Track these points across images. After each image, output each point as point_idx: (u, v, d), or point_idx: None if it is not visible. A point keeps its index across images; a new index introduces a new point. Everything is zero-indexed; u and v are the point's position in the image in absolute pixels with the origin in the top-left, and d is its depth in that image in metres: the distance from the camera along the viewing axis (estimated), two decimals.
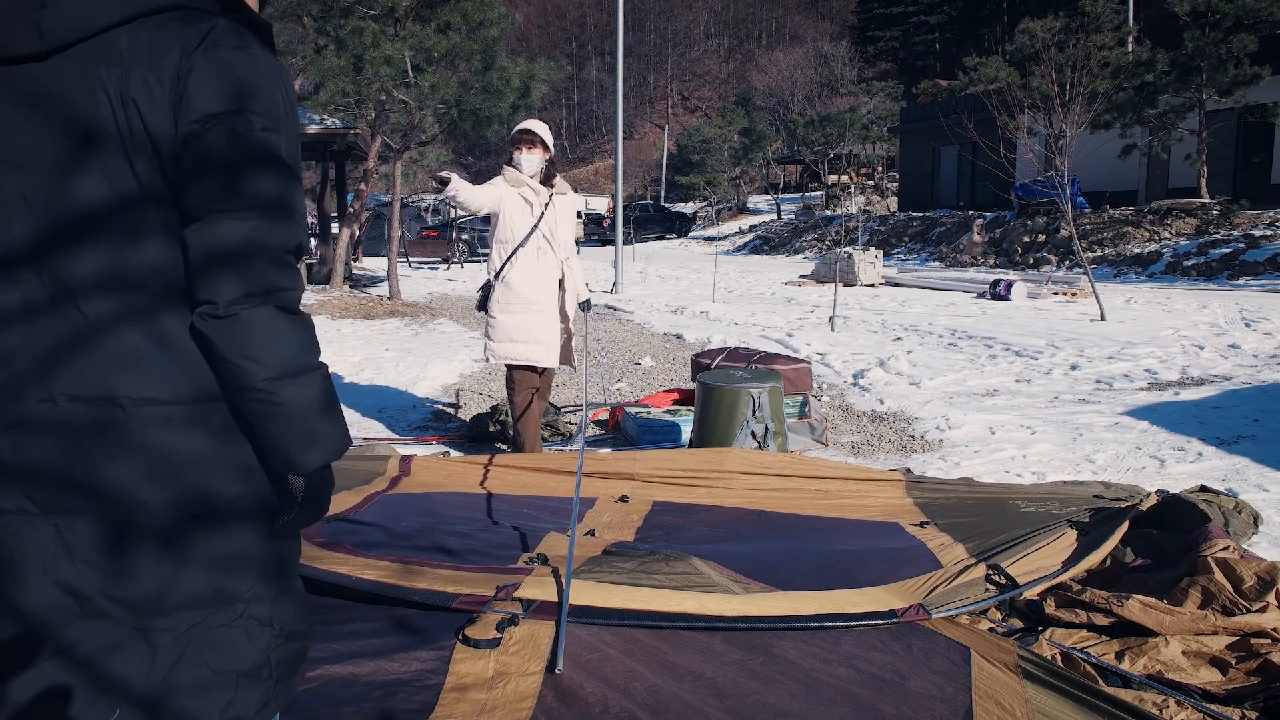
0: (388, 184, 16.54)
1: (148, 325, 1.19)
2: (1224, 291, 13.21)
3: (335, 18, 12.97)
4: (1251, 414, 5.40)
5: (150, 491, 1.18)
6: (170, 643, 1.21)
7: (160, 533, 1.19)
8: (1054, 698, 2.00)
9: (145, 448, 1.18)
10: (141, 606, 1.19)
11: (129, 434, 1.18)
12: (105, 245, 1.18)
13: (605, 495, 3.71)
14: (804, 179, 46.36)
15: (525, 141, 4.42)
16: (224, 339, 1.18)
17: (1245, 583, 2.40)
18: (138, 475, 1.18)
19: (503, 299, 4.43)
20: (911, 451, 5.01)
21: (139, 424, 1.18)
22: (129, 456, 1.18)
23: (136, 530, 1.18)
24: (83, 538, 1.18)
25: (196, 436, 1.21)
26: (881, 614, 2.40)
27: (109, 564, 1.18)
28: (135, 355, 1.19)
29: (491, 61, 13.26)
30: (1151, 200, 20.81)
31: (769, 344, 8.71)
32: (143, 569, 1.19)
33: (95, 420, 1.17)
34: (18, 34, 1.17)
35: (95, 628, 1.19)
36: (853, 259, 16.04)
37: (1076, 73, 11.53)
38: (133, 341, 1.19)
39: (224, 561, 1.24)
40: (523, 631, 2.20)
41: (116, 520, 1.18)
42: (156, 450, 1.19)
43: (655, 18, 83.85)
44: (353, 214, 15.24)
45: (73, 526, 1.18)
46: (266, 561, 1.29)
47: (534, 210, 4.43)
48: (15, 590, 1.19)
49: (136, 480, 1.18)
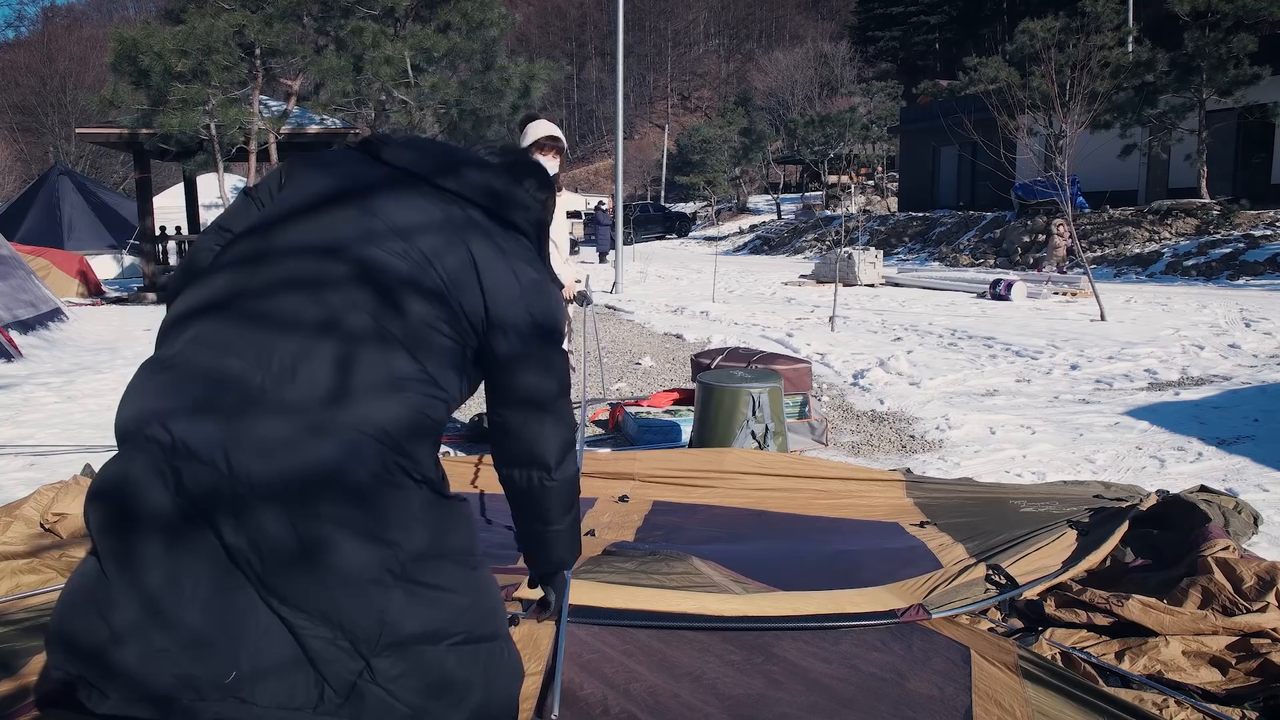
0: None
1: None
2: (1224, 291, 13.21)
3: (335, 18, 12.99)
4: (1251, 414, 5.40)
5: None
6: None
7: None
8: (1054, 698, 2.00)
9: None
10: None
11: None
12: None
13: (605, 495, 3.71)
14: (804, 179, 46.35)
15: (552, 149, 4.34)
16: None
17: (1245, 583, 2.40)
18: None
19: None
20: (911, 451, 5.01)
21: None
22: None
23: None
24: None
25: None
26: (881, 614, 2.40)
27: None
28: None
29: (491, 61, 13.27)
30: (1151, 200, 20.80)
31: (769, 344, 8.71)
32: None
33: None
34: None
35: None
36: (853, 259, 16.04)
37: (1076, 73, 11.54)
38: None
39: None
40: (522, 631, 2.19)
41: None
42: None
43: (655, 18, 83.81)
44: None
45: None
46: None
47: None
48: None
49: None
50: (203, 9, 13.14)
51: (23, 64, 55.34)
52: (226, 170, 14.67)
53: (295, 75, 14.30)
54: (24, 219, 19.64)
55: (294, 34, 13.74)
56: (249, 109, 13.57)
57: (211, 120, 13.00)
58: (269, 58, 13.82)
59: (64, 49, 55.95)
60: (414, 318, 1.41)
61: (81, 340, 9.58)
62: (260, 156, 14.10)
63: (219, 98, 12.98)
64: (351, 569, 1.31)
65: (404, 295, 1.41)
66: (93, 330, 10.52)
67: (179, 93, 12.63)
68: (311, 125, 15.60)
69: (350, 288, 1.40)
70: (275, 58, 13.94)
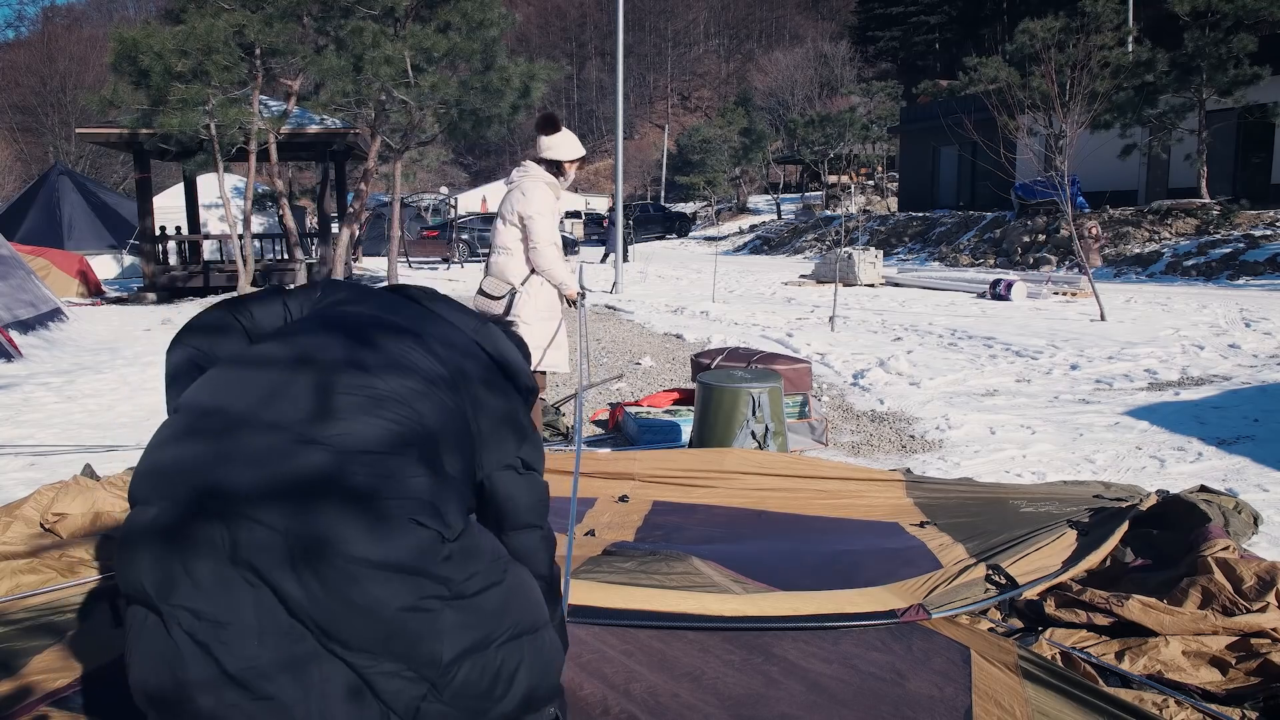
0: (388, 184, 16.54)
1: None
2: (1224, 291, 13.21)
3: (335, 18, 12.99)
4: (1251, 414, 5.40)
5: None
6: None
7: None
8: (1054, 698, 2.00)
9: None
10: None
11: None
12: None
13: (605, 495, 3.71)
14: (804, 179, 46.35)
15: (580, 164, 4.49)
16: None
17: (1245, 583, 2.40)
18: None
19: (537, 304, 4.38)
20: (911, 451, 5.01)
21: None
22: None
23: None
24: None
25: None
26: (881, 614, 2.40)
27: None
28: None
29: (491, 61, 13.27)
30: (1151, 200, 20.80)
31: (769, 344, 8.71)
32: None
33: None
34: None
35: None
36: (853, 259, 16.04)
37: (1076, 73, 11.53)
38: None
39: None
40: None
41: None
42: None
43: (655, 18, 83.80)
44: (353, 214, 15.23)
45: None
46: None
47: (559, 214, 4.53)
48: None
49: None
50: (203, 9, 13.14)
51: (23, 64, 55.28)
52: (226, 170, 14.66)
53: (295, 75, 14.30)
54: (24, 219, 19.64)
55: (294, 34, 13.73)
56: (249, 109, 13.57)
57: (211, 120, 13.00)
58: (269, 58, 13.83)
59: (64, 49, 55.88)
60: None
61: (81, 340, 9.58)
62: (260, 156, 14.10)
63: (219, 98, 12.98)
64: (400, 601, 1.38)
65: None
66: (92, 330, 10.52)
67: (179, 93, 12.63)
68: (311, 125, 15.60)
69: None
70: (275, 58, 13.94)
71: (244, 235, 14.25)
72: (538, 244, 4.29)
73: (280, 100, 15.36)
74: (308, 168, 27.41)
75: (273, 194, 15.88)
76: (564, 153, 4.39)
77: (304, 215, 20.62)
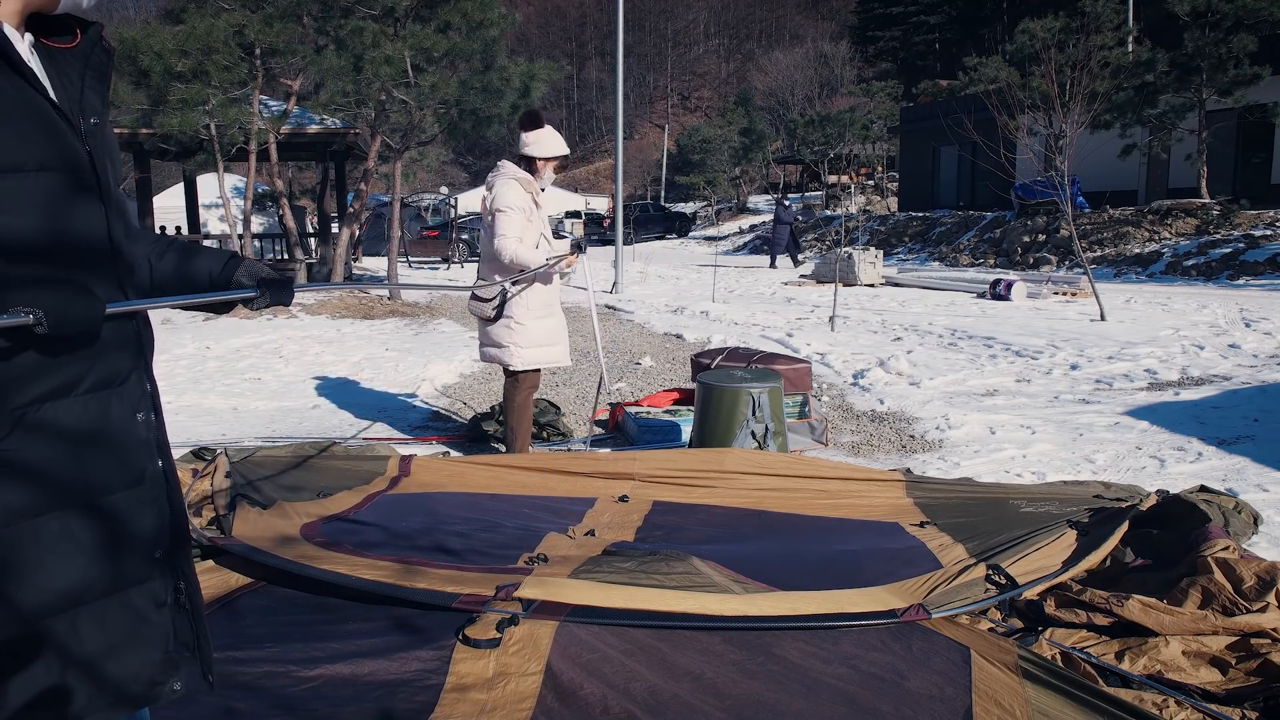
0: (388, 184, 16.54)
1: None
2: (1224, 291, 13.20)
3: (335, 18, 12.98)
4: (1251, 414, 5.40)
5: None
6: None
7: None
8: (1054, 698, 2.00)
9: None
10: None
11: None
12: None
13: (605, 495, 3.71)
14: (804, 179, 46.36)
15: (563, 166, 4.48)
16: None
17: (1245, 583, 2.40)
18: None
19: (529, 303, 4.38)
20: (911, 451, 5.01)
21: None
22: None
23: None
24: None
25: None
26: (881, 614, 2.40)
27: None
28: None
29: (491, 61, 13.27)
30: (1151, 200, 20.80)
31: (769, 344, 8.72)
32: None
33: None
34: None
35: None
36: (853, 259, 16.04)
37: (1076, 73, 11.53)
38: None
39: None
40: (523, 631, 2.20)
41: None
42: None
43: (655, 18, 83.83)
44: (353, 214, 15.24)
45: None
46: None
47: (541, 212, 4.47)
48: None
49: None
50: (203, 9, 13.13)
51: None
52: (226, 170, 14.67)
53: (295, 75, 14.30)
54: None
55: (294, 34, 13.73)
56: (249, 109, 13.57)
57: (211, 120, 13.00)
58: (269, 58, 13.83)
59: None
60: None
61: None
62: (260, 156, 14.11)
63: (219, 98, 12.98)
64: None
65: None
66: None
67: (179, 93, 12.63)
68: (311, 125, 15.60)
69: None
70: (275, 58, 13.93)
71: (244, 235, 14.26)
72: (497, 235, 4.27)
73: (280, 100, 15.37)
74: (308, 168, 27.42)
75: (273, 194, 15.88)
76: (539, 150, 4.37)
77: (304, 215, 20.62)
